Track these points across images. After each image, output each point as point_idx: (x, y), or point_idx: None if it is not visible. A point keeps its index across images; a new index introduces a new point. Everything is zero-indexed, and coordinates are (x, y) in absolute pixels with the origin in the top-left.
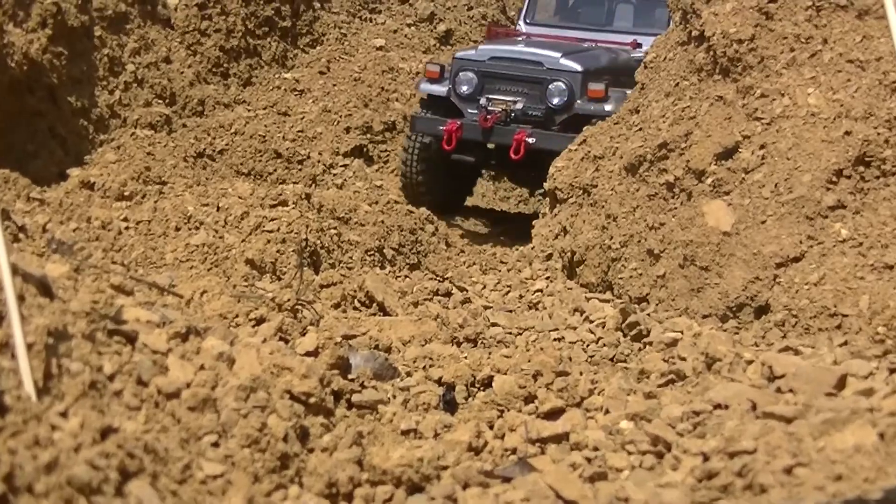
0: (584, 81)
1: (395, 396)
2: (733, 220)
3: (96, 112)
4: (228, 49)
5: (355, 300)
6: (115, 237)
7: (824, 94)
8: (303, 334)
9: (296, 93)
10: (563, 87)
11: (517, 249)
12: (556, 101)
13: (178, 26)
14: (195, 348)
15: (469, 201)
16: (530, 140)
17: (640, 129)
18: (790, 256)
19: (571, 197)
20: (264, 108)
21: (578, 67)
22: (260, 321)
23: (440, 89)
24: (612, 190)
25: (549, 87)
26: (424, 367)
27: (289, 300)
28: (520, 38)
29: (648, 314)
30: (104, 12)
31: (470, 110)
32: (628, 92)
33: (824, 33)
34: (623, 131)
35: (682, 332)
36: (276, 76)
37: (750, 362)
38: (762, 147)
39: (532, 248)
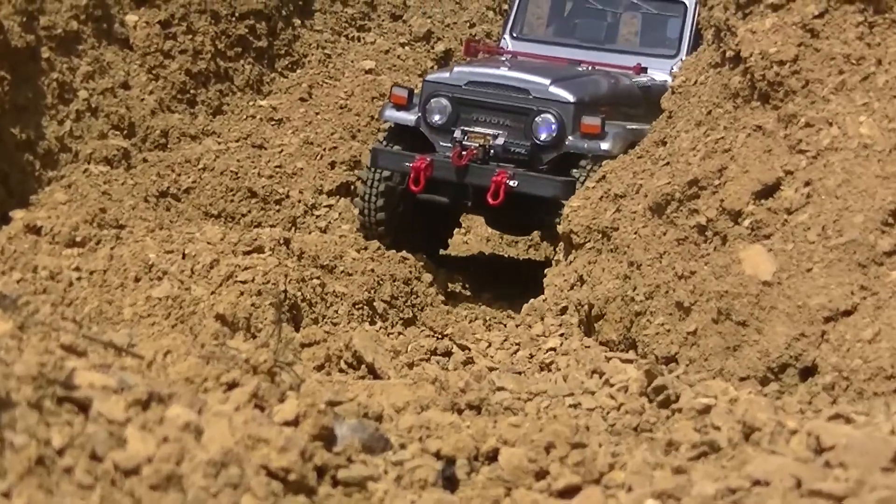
0: (577, 114)
1: (387, 472)
2: (774, 267)
3: (44, 145)
4: (196, 73)
5: (341, 361)
6: (66, 289)
7: (878, 123)
8: (281, 401)
9: (273, 122)
10: (552, 119)
11: (527, 302)
12: (543, 136)
13: (138, 47)
14: (157, 417)
15: (472, 246)
16: (511, 183)
17: (668, 163)
18: (840, 309)
19: (589, 241)
20: (237, 141)
21: (570, 97)
22: (232, 386)
23: (408, 118)
24: (635, 234)
25: (536, 119)
26: (421, 438)
27: (265, 361)
28: (503, 59)
29: (677, 376)
30: (53, 31)
31: (442, 143)
32: (629, 126)
33: (878, 53)
34: (648, 166)
35: (716, 397)
36: (251, 103)
37: (794, 432)
38: (807, 184)
39: (544, 301)
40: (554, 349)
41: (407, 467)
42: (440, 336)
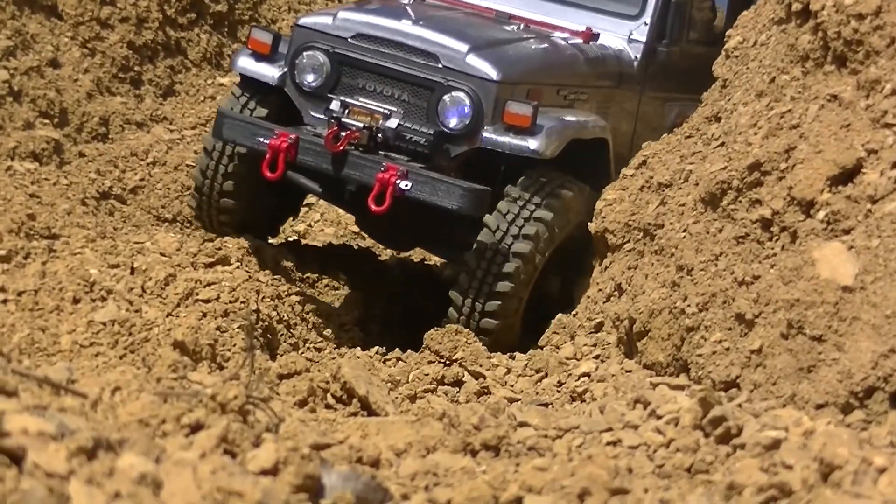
0: (501, 96)
1: None
2: (856, 269)
3: None
4: (140, 46)
5: (328, 395)
6: None
7: None
8: (256, 445)
9: None
10: (466, 101)
11: (554, 318)
12: (452, 122)
13: (69, 15)
14: (107, 469)
15: None
16: (403, 185)
17: (723, 143)
18: None
19: (628, 242)
20: (193, 128)
21: (493, 73)
22: (196, 428)
23: (270, 72)
24: (684, 231)
25: (444, 98)
26: (427, 487)
27: (235, 398)
28: (406, 2)
29: (739, 405)
30: None
31: (314, 114)
32: (569, 118)
33: None
34: (698, 148)
35: (786, 430)
36: (209, 82)
37: (882, 471)
38: (895, 166)
39: (574, 316)
40: (587, 375)
41: None
42: (448, 361)
